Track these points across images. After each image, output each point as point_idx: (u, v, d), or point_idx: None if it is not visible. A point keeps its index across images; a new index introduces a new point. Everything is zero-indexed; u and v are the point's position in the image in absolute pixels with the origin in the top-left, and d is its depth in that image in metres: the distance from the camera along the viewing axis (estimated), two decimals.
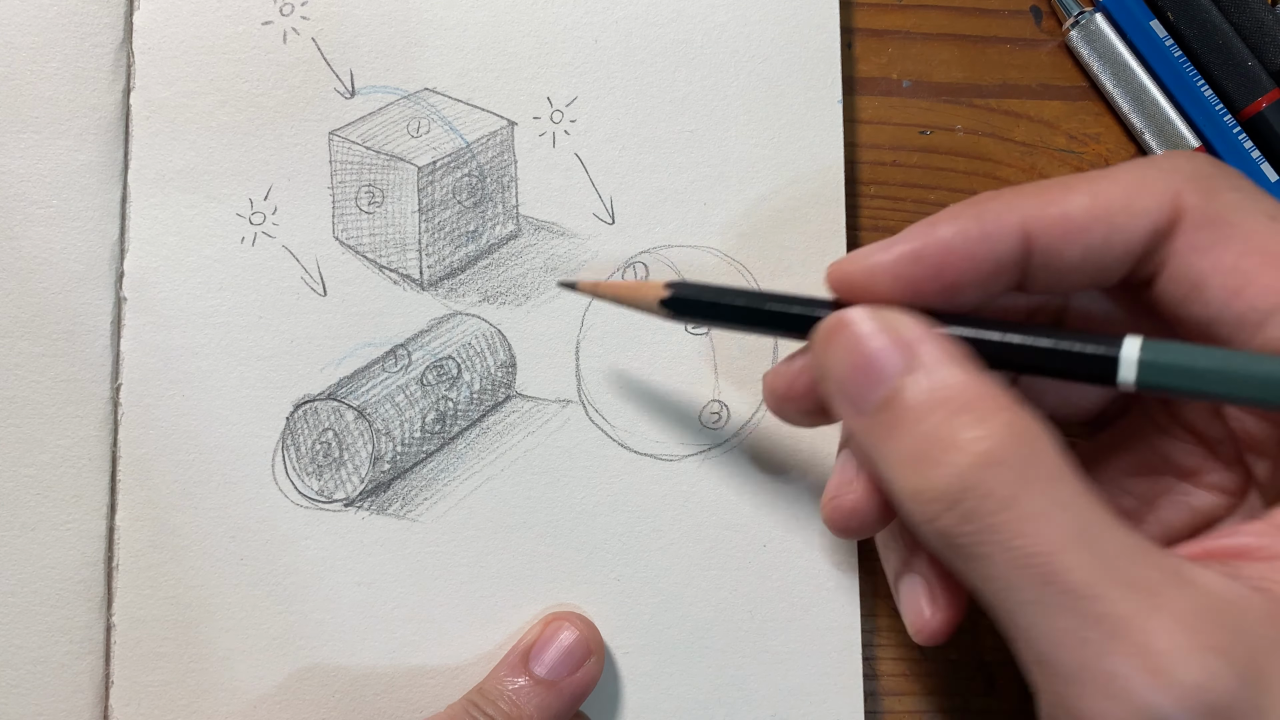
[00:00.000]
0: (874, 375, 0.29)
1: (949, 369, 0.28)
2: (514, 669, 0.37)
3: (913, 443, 0.28)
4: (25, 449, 0.38)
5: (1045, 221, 0.29)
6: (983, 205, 0.30)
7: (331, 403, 0.39)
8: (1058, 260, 0.30)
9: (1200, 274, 0.29)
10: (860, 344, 0.30)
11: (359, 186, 0.40)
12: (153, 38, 0.39)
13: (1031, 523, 0.26)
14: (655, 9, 0.41)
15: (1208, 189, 0.29)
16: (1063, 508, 0.26)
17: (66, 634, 0.37)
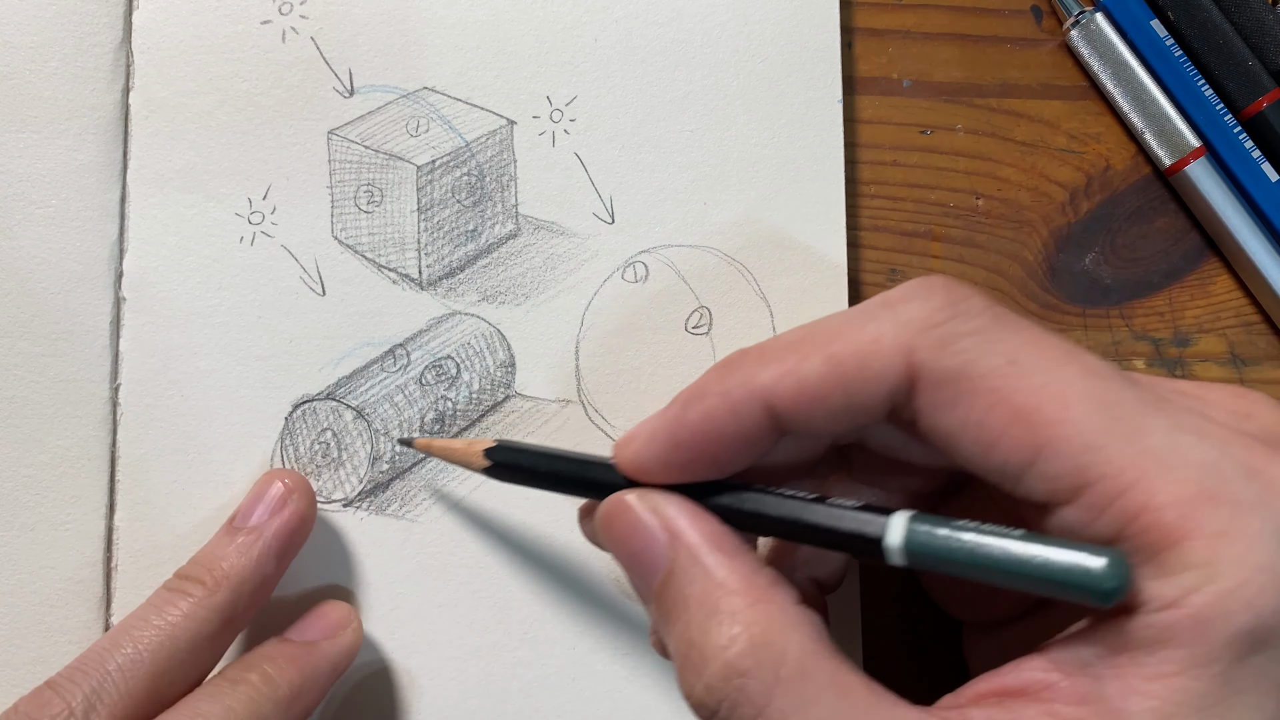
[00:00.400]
0: (646, 563, 0.31)
1: (707, 556, 0.30)
2: (219, 537, 0.36)
3: (679, 645, 0.29)
4: (24, 449, 0.38)
5: (783, 392, 0.29)
6: (728, 378, 0.30)
7: (330, 403, 0.39)
8: (806, 423, 0.30)
9: (949, 431, 0.28)
10: (631, 535, 0.31)
11: (358, 186, 0.40)
12: (152, 37, 0.39)
13: (801, 710, 0.27)
14: (655, 9, 0.41)
15: (941, 340, 0.28)
16: (813, 704, 0.27)
17: (65, 634, 0.37)
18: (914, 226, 0.43)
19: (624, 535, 0.31)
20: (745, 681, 0.27)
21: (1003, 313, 0.29)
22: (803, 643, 0.28)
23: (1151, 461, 0.26)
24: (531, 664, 0.39)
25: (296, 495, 0.37)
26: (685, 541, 0.30)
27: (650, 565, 0.31)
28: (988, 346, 0.28)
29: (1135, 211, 0.44)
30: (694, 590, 0.29)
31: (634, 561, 0.31)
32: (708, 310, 0.40)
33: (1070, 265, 0.44)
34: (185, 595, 0.34)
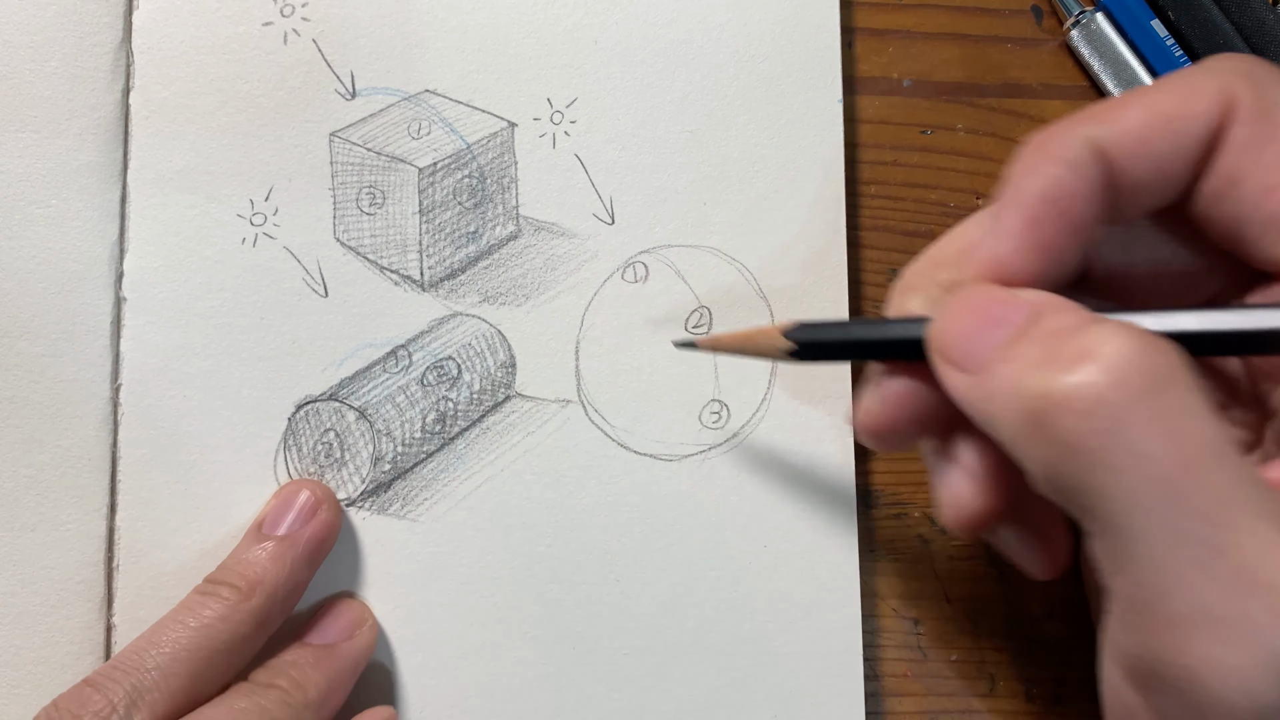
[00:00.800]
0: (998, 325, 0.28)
1: (1074, 308, 0.27)
2: (249, 542, 0.37)
3: (1042, 347, 0.26)
4: (25, 449, 0.38)
5: (1112, 139, 0.29)
6: (1050, 145, 0.29)
7: (333, 403, 0.39)
8: (1134, 177, 0.29)
9: (1240, 170, 0.29)
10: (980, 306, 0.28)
11: (360, 188, 0.40)
12: (152, 38, 0.39)
13: (1173, 438, 0.24)
14: (655, 10, 0.41)
15: (1259, 86, 0.29)
16: (1204, 431, 0.24)
17: (67, 635, 0.37)
18: (914, 226, 0.43)
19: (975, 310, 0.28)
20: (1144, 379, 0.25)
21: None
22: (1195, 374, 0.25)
23: None
24: (531, 664, 0.39)
25: (326, 505, 0.38)
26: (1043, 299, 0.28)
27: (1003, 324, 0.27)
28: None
29: None
30: (1072, 319, 0.27)
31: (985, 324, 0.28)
32: (708, 310, 0.40)
33: None
34: (219, 599, 0.35)
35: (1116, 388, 0.24)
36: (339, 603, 0.38)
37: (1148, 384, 0.24)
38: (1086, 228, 0.29)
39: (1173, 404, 0.24)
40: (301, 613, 0.38)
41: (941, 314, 0.29)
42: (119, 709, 0.32)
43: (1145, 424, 0.24)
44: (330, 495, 0.38)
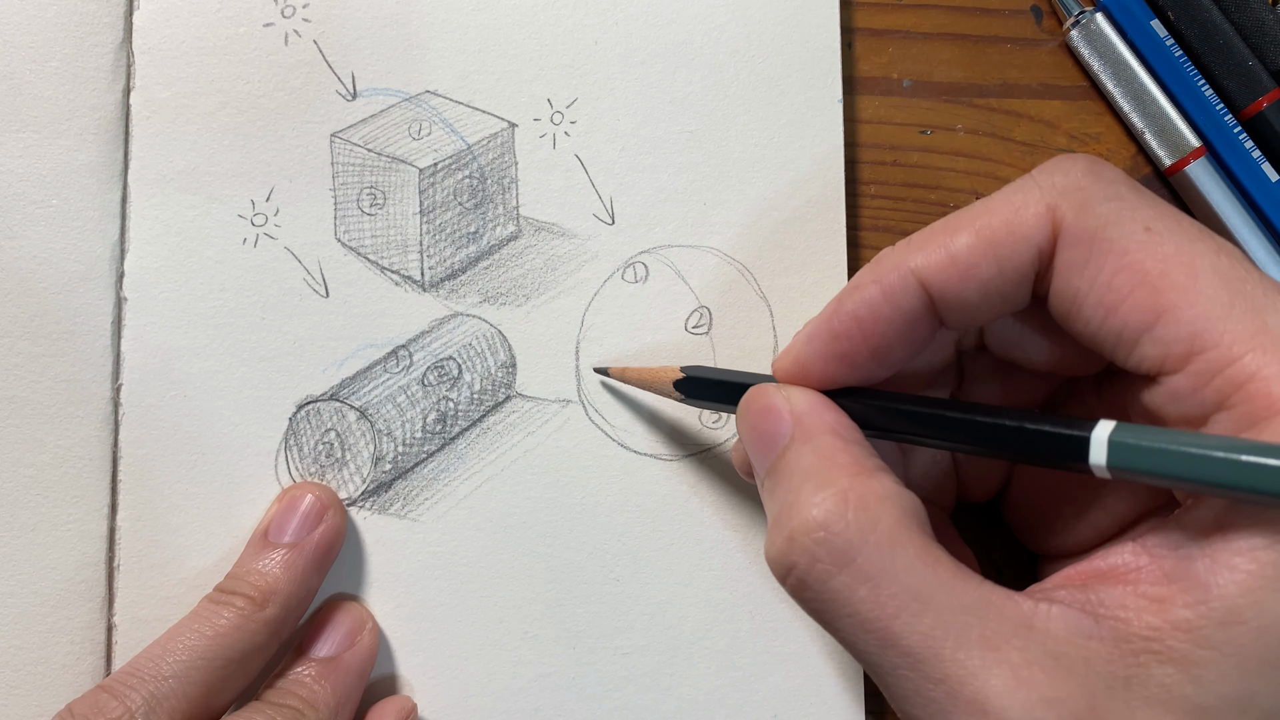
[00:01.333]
0: (769, 442, 0.32)
1: (821, 438, 0.30)
2: (256, 549, 0.37)
3: (775, 508, 0.30)
4: (25, 449, 0.38)
5: (936, 268, 0.30)
6: (879, 266, 0.31)
7: (334, 403, 0.39)
8: (960, 300, 0.30)
9: (1077, 291, 0.29)
10: (763, 416, 0.32)
11: (361, 188, 0.40)
12: (153, 38, 0.39)
13: (865, 588, 0.28)
14: (655, 10, 0.41)
15: (1082, 203, 0.29)
16: (901, 571, 0.27)
17: (67, 634, 0.37)
18: (914, 226, 0.43)
19: (755, 417, 0.32)
20: (829, 537, 0.28)
21: (1140, 187, 0.30)
22: (898, 516, 0.28)
23: (1267, 338, 0.27)
24: (531, 664, 0.39)
25: (332, 510, 0.38)
26: (806, 423, 0.31)
27: (771, 442, 0.32)
28: (1125, 213, 0.29)
29: None
30: (803, 463, 0.30)
31: (759, 439, 0.32)
32: (708, 310, 0.41)
33: None
34: (234, 609, 0.35)
35: (809, 552, 0.29)
36: (337, 609, 0.38)
37: (841, 543, 0.28)
38: (890, 346, 0.32)
39: (869, 559, 0.28)
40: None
41: (740, 408, 0.34)
42: (136, 716, 0.32)
43: (844, 582, 0.28)
44: (335, 499, 0.38)
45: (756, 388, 0.33)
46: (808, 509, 0.29)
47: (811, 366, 0.32)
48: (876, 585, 0.27)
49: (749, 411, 0.33)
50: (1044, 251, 0.30)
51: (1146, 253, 0.28)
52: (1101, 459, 0.28)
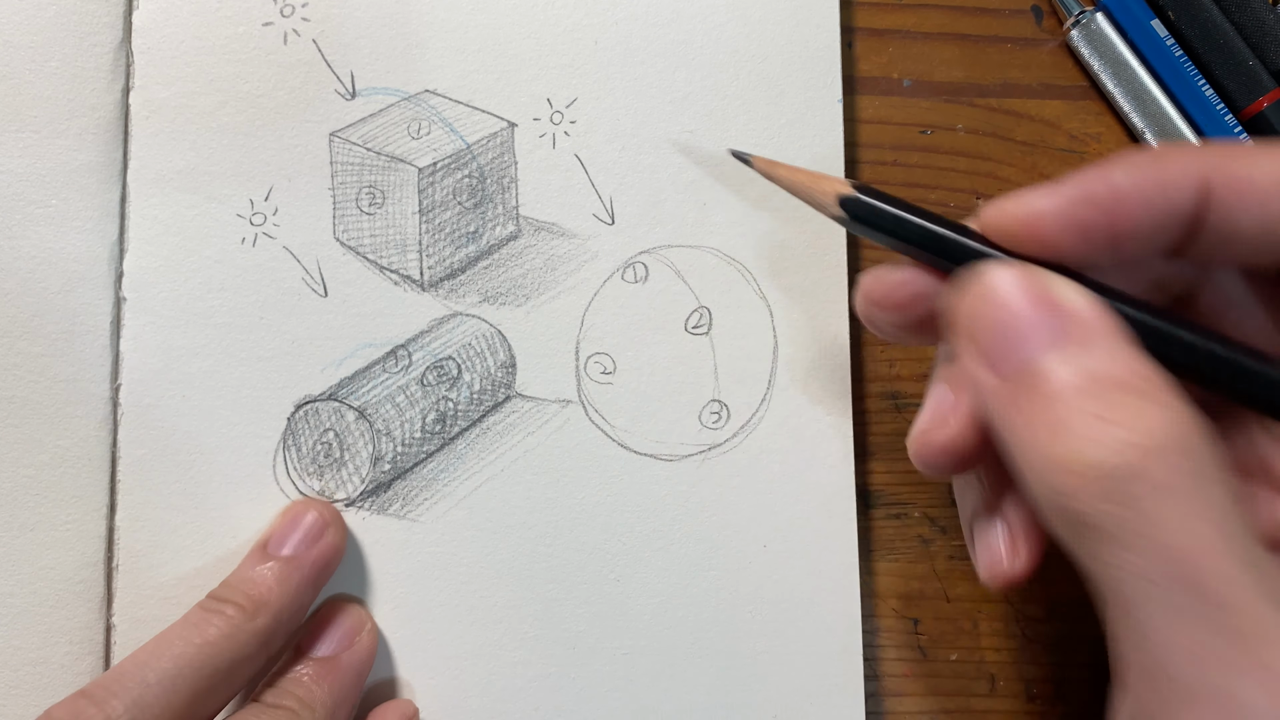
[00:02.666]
0: (1021, 337, 0.27)
1: (1116, 346, 0.26)
2: (254, 560, 0.36)
3: (1063, 412, 0.26)
4: (25, 449, 0.38)
5: (1228, 180, 0.28)
6: (1163, 154, 0.28)
7: (332, 403, 0.39)
8: (1231, 225, 0.28)
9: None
10: (1011, 302, 0.27)
11: (360, 188, 0.40)
12: (152, 37, 0.39)
13: (1187, 519, 0.24)
14: (655, 10, 0.41)
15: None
16: (1220, 512, 0.24)
17: (66, 635, 0.37)
18: None
19: (998, 303, 0.28)
20: (1165, 459, 0.25)
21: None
22: (1219, 455, 0.25)
23: None
24: (531, 664, 0.39)
25: (333, 528, 0.38)
26: (1094, 327, 0.27)
27: (1020, 342, 0.27)
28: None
29: None
30: (1107, 368, 0.26)
31: (999, 333, 0.27)
32: (708, 310, 0.41)
33: None
34: (224, 617, 0.34)
35: (1136, 471, 0.24)
36: (337, 609, 0.38)
37: (1167, 468, 0.24)
38: (1136, 238, 0.28)
39: (1189, 489, 0.24)
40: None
41: (980, 285, 0.28)
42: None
43: (1161, 508, 0.24)
44: (337, 517, 0.38)
45: (1006, 267, 0.28)
46: (1142, 422, 0.25)
47: (1044, 226, 0.28)
48: (1198, 519, 0.24)
49: (985, 293, 0.28)
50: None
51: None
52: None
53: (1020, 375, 0.27)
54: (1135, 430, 0.25)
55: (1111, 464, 0.25)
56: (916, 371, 0.43)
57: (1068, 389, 0.26)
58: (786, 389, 0.40)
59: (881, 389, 0.42)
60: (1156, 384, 0.26)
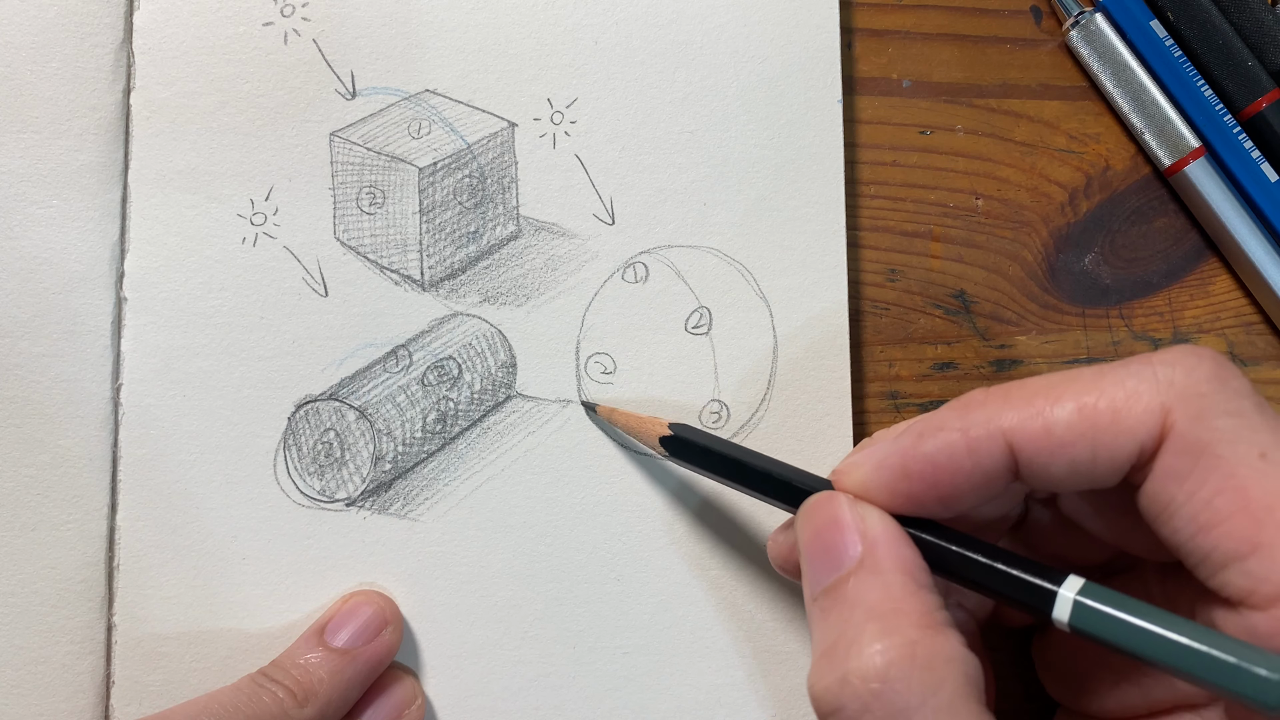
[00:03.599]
0: (832, 559, 0.30)
1: (892, 575, 0.29)
2: (309, 644, 0.37)
3: (830, 636, 0.29)
4: (25, 449, 0.38)
5: (1028, 435, 0.29)
6: (969, 414, 0.30)
7: (333, 403, 0.39)
8: (1044, 472, 0.29)
9: (1172, 499, 0.28)
10: (830, 529, 0.31)
11: (360, 187, 0.40)
12: (153, 38, 0.39)
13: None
14: (655, 10, 0.41)
15: (1199, 412, 0.28)
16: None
17: (67, 634, 0.37)
18: (914, 226, 0.43)
19: (822, 527, 0.31)
20: (888, 690, 0.27)
21: (1264, 403, 0.29)
22: (961, 683, 0.27)
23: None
24: (531, 663, 0.39)
25: (392, 627, 0.38)
26: (878, 554, 0.30)
27: (834, 560, 0.30)
28: (1244, 433, 0.28)
29: (1135, 212, 0.44)
30: (869, 598, 0.29)
31: (820, 552, 0.30)
32: (708, 310, 0.41)
33: (1070, 265, 0.44)
34: (274, 698, 0.35)
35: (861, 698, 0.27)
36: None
37: (898, 698, 0.27)
38: (961, 496, 0.30)
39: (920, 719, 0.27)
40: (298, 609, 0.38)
41: (805, 507, 0.32)
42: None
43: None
44: (397, 615, 0.38)
45: (828, 495, 0.32)
46: (869, 654, 0.27)
47: (876, 496, 0.31)
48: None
49: (814, 518, 0.31)
50: (1146, 450, 0.28)
51: (1256, 481, 0.27)
52: (1065, 615, 0.28)
53: (824, 594, 0.30)
54: (866, 661, 0.27)
55: (839, 693, 0.27)
56: (916, 372, 0.43)
57: (840, 613, 0.29)
58: (786, 389, 0.40)
59: (881, 389, 0.42)
60: (906, 614, 0.28)
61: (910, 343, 0.43)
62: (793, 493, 0.33)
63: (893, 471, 0.30)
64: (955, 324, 0.43)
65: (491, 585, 0.39)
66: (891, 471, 0.30)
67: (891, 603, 0.28)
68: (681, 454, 0.36)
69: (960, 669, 0.27)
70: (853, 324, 0.42)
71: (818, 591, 0.30)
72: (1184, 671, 0.26)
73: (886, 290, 0.43)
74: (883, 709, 0.27)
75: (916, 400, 0.42)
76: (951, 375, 0.43)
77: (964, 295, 0.43)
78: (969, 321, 0.43)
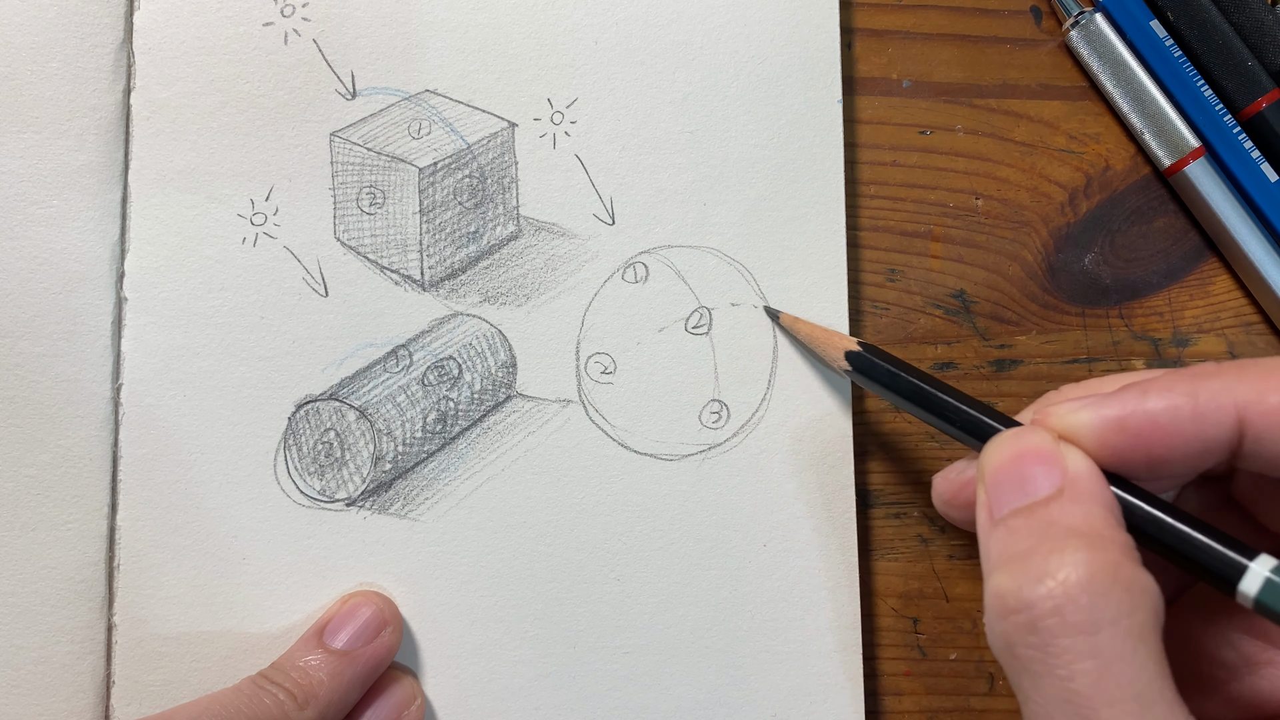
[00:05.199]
0: (1028, 485, 0.29)
1: (1093, 507, 0.28)
2: (308, 645, 0.37)
3: (1023, 545, 0.28)
4: (26, 449, 0.38)
5: (1263, 410, 0.28)
6: (1199, 382, 0.29)
7: (333, 403, 0.39)
8: (1268, 452, 0.29)
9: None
10: (1027, 458, 0.30)
11: (360, 188, 0.40)
12: (153, 38, 0.39)
13: (1094, 664, 0.26)
14: (655, 10, 0.41)
15: None
16: (1131, 667, 0.26)
17: (68, 634, 0.37)
18: (914, 226, 0.43)
19: (1024, 453, 0.30)
20: (1086, 599, 0.26)
21: None
22: (1151, 616, 0.27)
23: None
24: (531, 663, 0.39)
25: (391, 628, 0.38)
26: (1081, 487, 0.29)
27: (1031, 485, 0.29)
28: None
29: (1135, 212, 0.44)
30: (1071, 520, 0.28)
31: (1015, 477, 0.30)
32: (708, 310, 0.41)
33: (1070, 265, 0.44)
34: (275, 700, 0.35)
35: (1055, 609, 0.26)
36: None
37: (1086, 613, 0.26)
38: (1171, 464, 0.29)
39: (1112, 640, 0.26)
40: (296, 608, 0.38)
41: (996, 439, 0.31)
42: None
43: (1071, 650, 0.26)
44: (396, 615, 0.38)
45: (1031, 427, 0.31)
46: (1074, 560, 0.27)
47: (1083, 442, 0.30)
48: (1107, 666, 0.26)
49: (1014, 444, 0.30)
50: None
51: None
52: (1253, 589, 0.27)
53: (1012, 516, 0.29)
54: (1068, 572, 0.27)
55: (1037, 600, 0.27)
56: None
57: (1031, 533, 0.28)
58: (786, 389, 0.40)
59: None
60: (1110, 540, 0.27)
61: (910, 343, 0.43)
62: (984, 428, 0.33)
63: (1108, 423, 0.29)
64: (955, 324, 0.43)
65: (491, 585, 0.39)
66: (1107, 423, 0.29)
67: (1095, 530, 0.28)
68: (867, 371, 0.36)
69: (1152, 604, 0.27)
70: (853, 324, 0.42)
71: (1004, 512, 0.29)
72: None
73: (886, 290, 0.43)
74: (1077, 615, 0.26)
75: None
76: (951, 375, 0.43)
77: (964, 295, 0.43)
78: (969, 321, 0.43)
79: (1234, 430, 0.29)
